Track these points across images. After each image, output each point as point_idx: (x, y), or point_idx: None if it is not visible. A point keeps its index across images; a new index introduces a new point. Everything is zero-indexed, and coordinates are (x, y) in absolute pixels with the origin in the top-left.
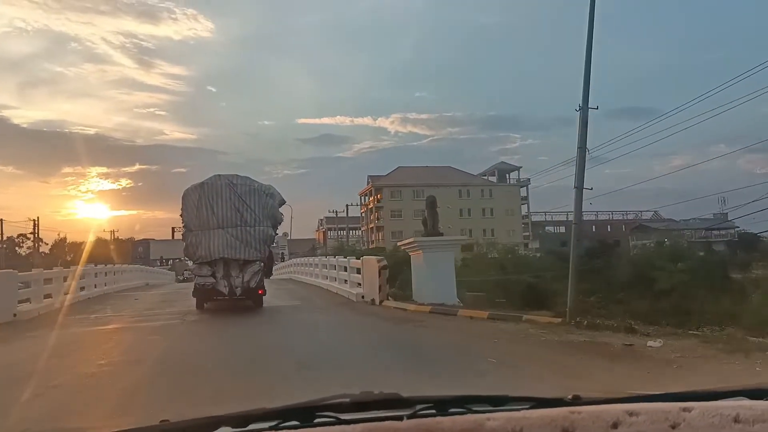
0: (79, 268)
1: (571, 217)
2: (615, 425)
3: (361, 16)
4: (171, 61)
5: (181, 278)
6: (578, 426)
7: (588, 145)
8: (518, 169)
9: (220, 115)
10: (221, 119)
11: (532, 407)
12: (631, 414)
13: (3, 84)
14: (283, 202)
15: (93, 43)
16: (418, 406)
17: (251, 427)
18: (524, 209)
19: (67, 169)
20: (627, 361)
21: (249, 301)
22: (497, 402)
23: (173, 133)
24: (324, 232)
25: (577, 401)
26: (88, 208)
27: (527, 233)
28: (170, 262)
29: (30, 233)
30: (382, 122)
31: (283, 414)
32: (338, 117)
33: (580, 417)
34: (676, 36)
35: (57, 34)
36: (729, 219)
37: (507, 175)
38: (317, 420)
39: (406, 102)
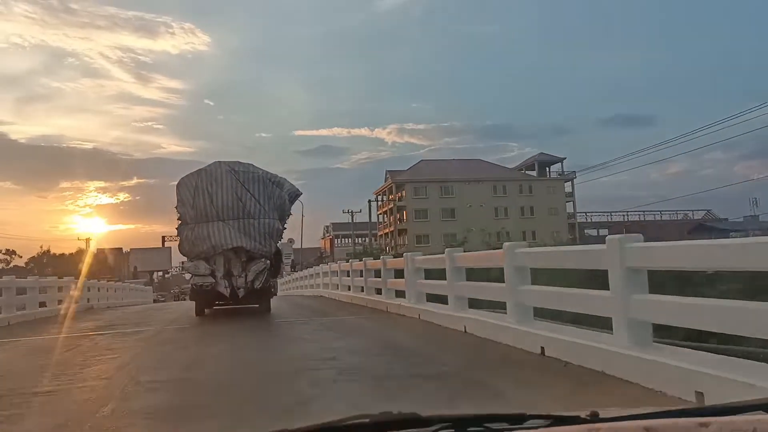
0: None
1: (614, 218)
2: None
3: (357, 27)
4: (168, 75)
5: (163, 297)
6: None
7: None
8: (561, 160)
9: (217, 128)
10: (219, 132)
11: (550, 425)
12: (648, 430)
13: (0, 100)
14: (295, 194)
15: (90, 58)
16: (437, 425)
17: None
18: (568, 207)
19: (65, 184)
20: None
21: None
22: (515, 420)
23: (171, 146)
24: (331, 239)
25: (594, 418)
26: (86, 222)
27: (571, 235)
28: (155, 275)
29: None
30: (379, 133)
31: None
32: (335, 128)
33: None
34: (670, 43)
35: (54, 50)
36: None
37: (547, 169)
38: None
39: (403, 112)
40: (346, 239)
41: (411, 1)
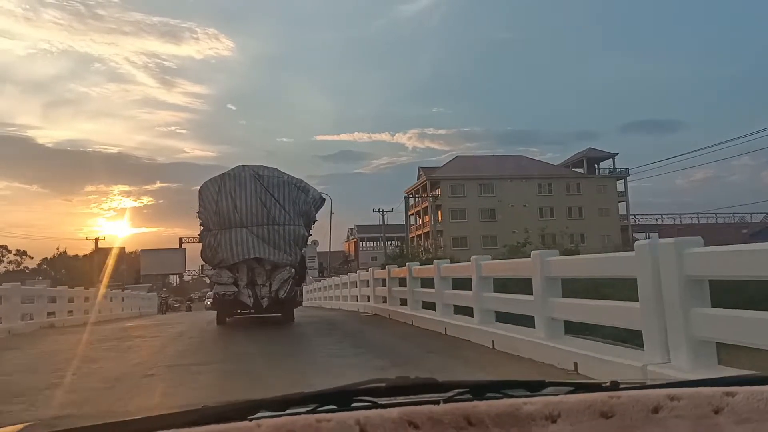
0: None
1: (666, 220)
2: (656, 410)
3: (379, 33)
4: (192, 80)
5: (177, 303)
6: (617, 410)
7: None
8: (613, 156)
9: (239, 133)
10: (241, 137)
11: (569, 392)
12: (672, 398)
13: (28, 105)
14: (320, 201)
15: (116, 64)
16: (455, 391)
17: (289, 410)
18: (620, 209)
19: (90, 188)
20: None
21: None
22: (534, 387)
23: (194, 151)
24: (356, 242)
25: (615, 387)
26: (110, 225)
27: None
28: (173, 278)
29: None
30: (400, 138)
31: (320, 398)
32: (356, 133)
33: (619, 401)
34: (693, 49)
35: (81, 55)
36: None
37: (596, 166)
38: (354, 404)
39: (423, 118)
40: (372, 242)
41: (431, 7)
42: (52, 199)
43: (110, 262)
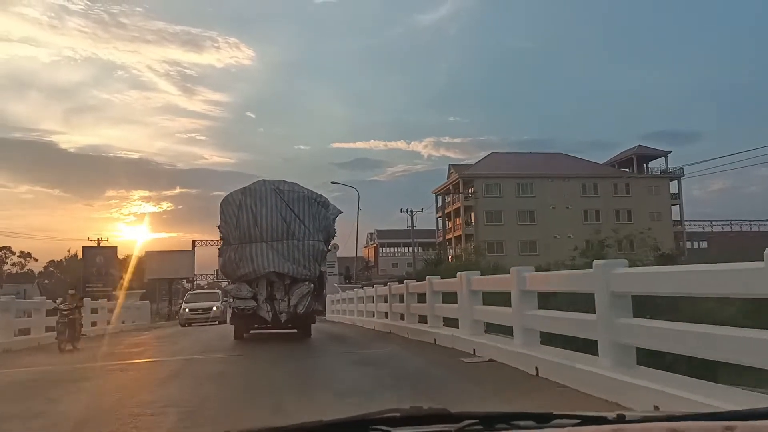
0: None
1: (716, 228)
2: None
3: (396, 41)
4: (212, 88)
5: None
6: None
7: None
8: (666, 154)
9: (258, 140)
10: (259, 144)
11: (576, 425)
12: None
13: (52, 111)
14: (337, 213)
15: (139, 71)
16: (465, 422)
17: None
18: (673, 212)
19: (110, 193)
20: None
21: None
22: (542, 419)
23: (213, 157)
24: (375, 247)
25: (621, 419)
26: (131, 230)
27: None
28: (184, 283)
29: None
30: (415, 146)
31: (337, 427)
32: (372, 141)
33: None
34: (712, 59)
35: (104, 63)
36: None
37: (645, 165)
38: None
39: (439, 126)
40: (392, 248)
41: (449, 16)
42: (74, 203)
43: (101, 263)
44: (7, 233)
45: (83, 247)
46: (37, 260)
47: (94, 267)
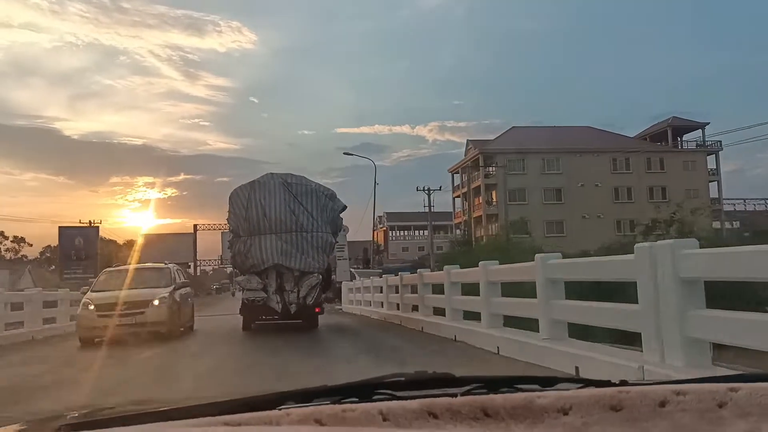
0: None
1: (749, 207)
2: (662, 404)
3: (400, 25)
4: (215, 73)
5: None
6: (626, 404)
7: None
8: (703, 126)
9: (262, 125)
10: (263, 129)
11: (580, 387)
12: (678, 393)
13: (55, 97)
14: (344, 208)
15: (141, 57)
16: (471, 385)
17: (314, 402)
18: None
19: (115, 179)
20: None
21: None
22: (546, 383)
23: (217, 143)
24: (385, 230)
25: (624, 383)
26: (135, 216)
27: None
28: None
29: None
30: (420, 130)
31: (344, 390)
32: (377, 126)
33: (628, 396)
34: (725, 39)
35: (106, 48)
36: None
37: (678, 138)
38: (375, 396)
39: (444, 110)
40: (403, 231)
41: None
42: (79, 190)
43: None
44: (14, 219)
45: (59, 227)
46: (31, 245)
47: (73, 250)
